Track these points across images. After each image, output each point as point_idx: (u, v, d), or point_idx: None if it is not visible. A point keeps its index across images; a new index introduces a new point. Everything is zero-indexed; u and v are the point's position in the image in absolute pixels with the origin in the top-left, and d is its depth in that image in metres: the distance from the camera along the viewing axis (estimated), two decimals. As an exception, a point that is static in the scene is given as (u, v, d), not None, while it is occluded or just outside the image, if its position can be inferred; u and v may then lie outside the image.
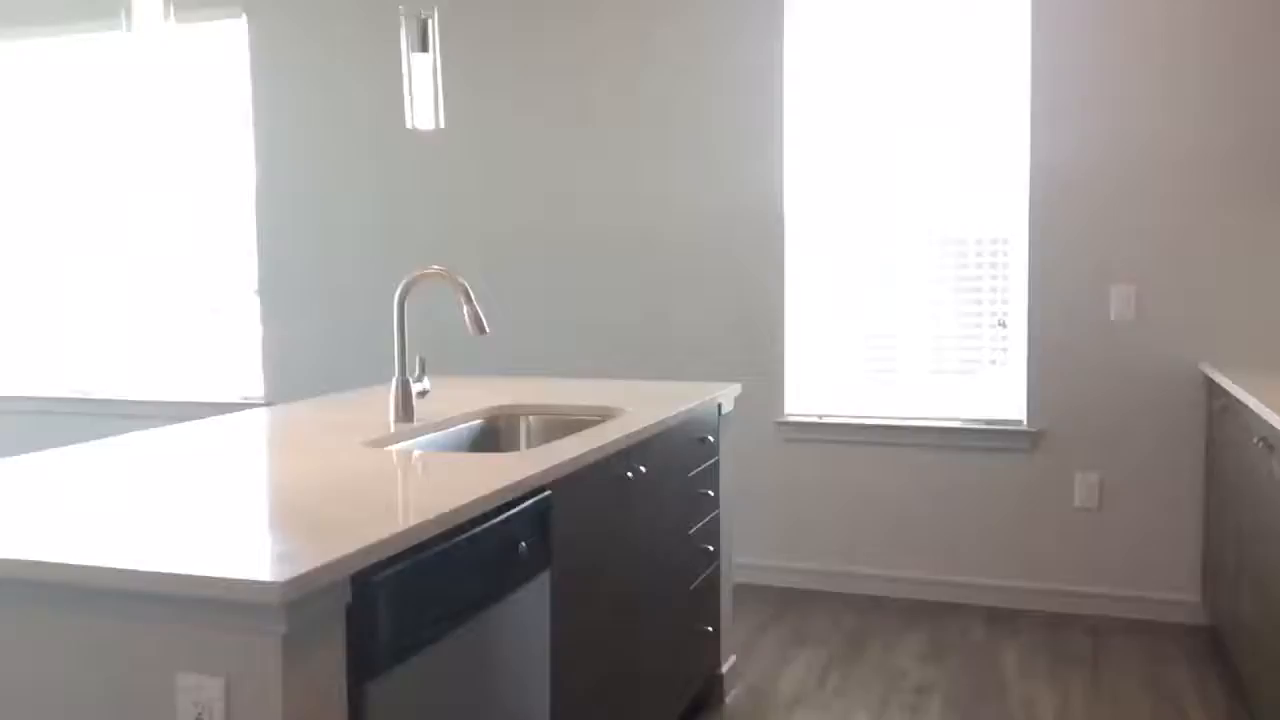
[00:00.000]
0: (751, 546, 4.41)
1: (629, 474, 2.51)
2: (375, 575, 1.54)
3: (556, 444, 2.30)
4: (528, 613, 2.01)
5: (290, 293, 5.06)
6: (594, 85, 4.51)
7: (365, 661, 1.53)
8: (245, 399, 5.22)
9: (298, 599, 1.39)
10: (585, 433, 2.45)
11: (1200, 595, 3.90)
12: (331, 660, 1.48)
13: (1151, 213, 3.87)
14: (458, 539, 1.76)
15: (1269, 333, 3.79)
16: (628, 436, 2.46)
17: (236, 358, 5.25)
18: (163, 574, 1.40)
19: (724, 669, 3.28)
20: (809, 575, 4.34)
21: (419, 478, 1.99)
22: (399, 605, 1.60)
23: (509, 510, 1.93)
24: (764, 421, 4.36)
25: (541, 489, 2.07)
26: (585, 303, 4.59)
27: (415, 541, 1.63)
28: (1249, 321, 3.80)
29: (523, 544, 1.97)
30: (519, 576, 1.97)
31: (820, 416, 4.33)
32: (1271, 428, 2.73)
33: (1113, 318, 3.94)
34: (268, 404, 5.11)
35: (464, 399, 3.02)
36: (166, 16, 3.59)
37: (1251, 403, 2.90)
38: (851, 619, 3.98)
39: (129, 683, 1.45)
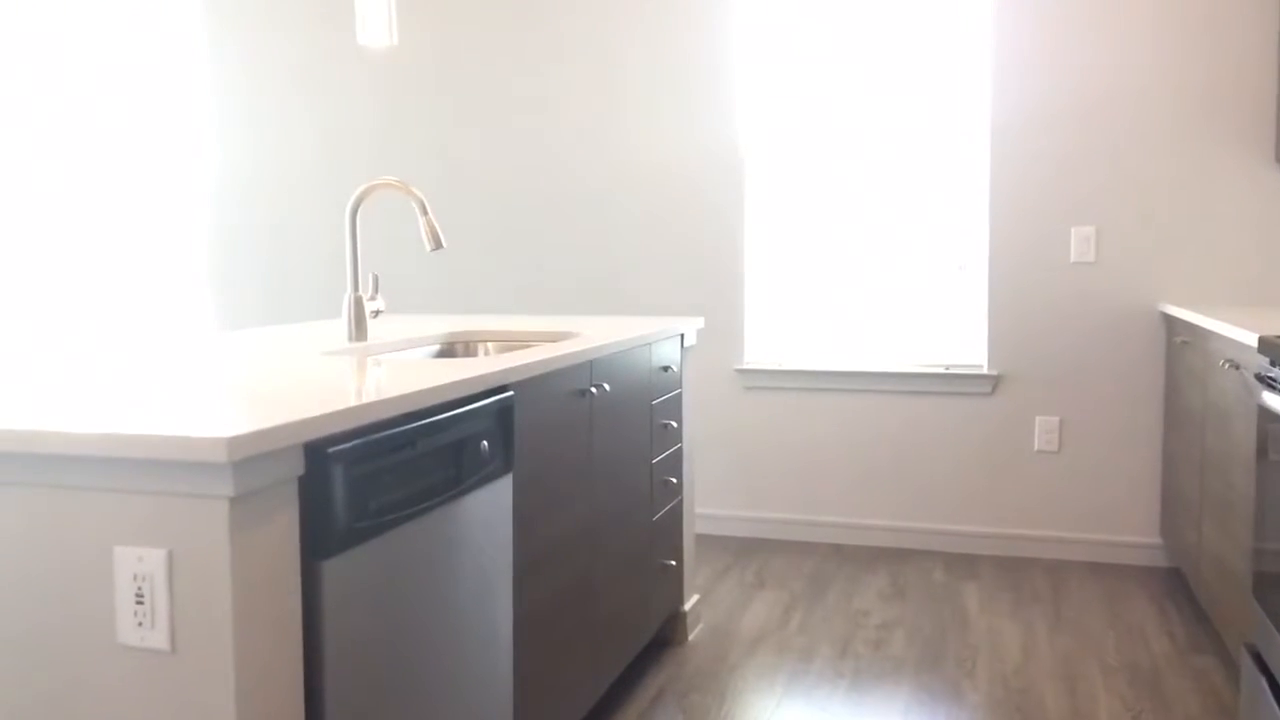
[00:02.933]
0: (712, 497, 4.35)
1: (592, 389, 2.43)
2: (330, 447, 1.45)
3: (516, 353, 2.21)
4: (490, 516, 1.93)
5: (240, 252, 4.90)
6: (559, 21, 4.41)
7: (320, 539, 1.44)
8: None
9: (246, 460, 1.29)
10: (545, 346, 2.36)
11: (1160, 537, 3.91)
12: (283, 534, 1.39)
13: (1111, 155, 3.86)
14: (418, 423, 1.66)
15: (1225, 272, 3.80)
16: (589, 350, 2.38)
17: (189, 301, 5.08)
18: (96, 435, 1.30)
19: (686, 607, 3.21)
20: (769, 524, 4.29)
21: (379, 373, 1.89)
22: (355, 482, 1.50)
23: (472, 404, 1.85)
24: (723, 370, 4.30)
25: (504, 389, 1.99)
26: (539, 249, 4.50)
27: (374, 419, 1.53)
28: (1206, 261, 3.81)
29: (485, 442, 1.89)
30: (482, 475, 1.88)
31: (780, 364, 4.28)
32: (1239, 344, 2.72)
33: (1073, 260, 3.93)
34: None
35: (420, 325, 2.92)
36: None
37: (1218, 326, 2.90)
38: (813, 564, 3.94)
39: (63, 557, 1.35)
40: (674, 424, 3.06)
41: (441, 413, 1.74)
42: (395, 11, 2.66)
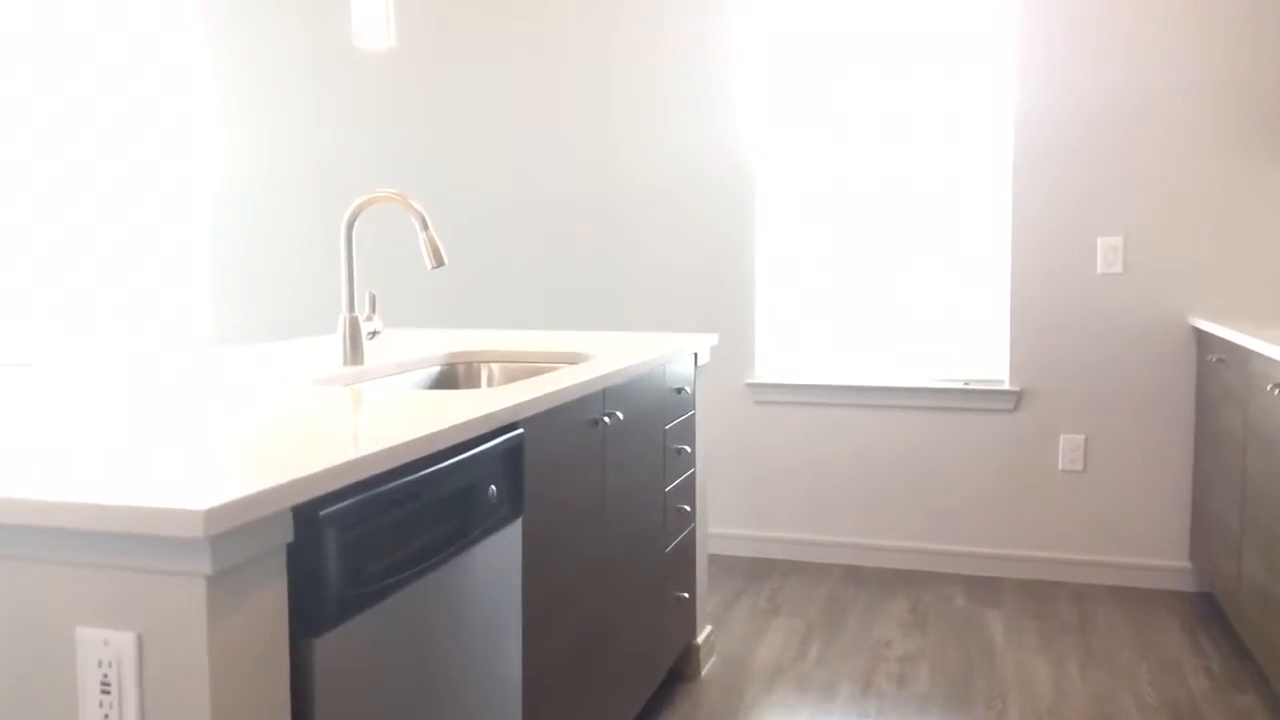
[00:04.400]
0: (721, 516, 4.19)
1: (605, 418, 2.26)
2: (323, 509, 1.28)
3: (524, 383, 2.05)
4: (499, 565, 1.76)
5: (236, 258, 4.73)
6: (560, 25, 4.24)
7: (311, 613, 1.28)
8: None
9: (226, 533, 1.13)
10: (553, 374, 2.20)
11: (1190, 560, 3.75)
12: (270, 611, 1.22)
13: (1140, 162, 3.70)
14: (421, 473, 1.50)
15: (1259, 284, 3.65)
16: (601, 378, 2.21)
17: (186, 333, 4.91)
18: (56, 503, 1.13)
19: (699, 639, 3.05)
20: (781, 545, 4.13)
21: (375, 411, 1.73)
22: (351, 546, 1.34)
23: (479, 446, 1.68)
24: (734, 383, 4.14)
25: (513, 425, 1.82)
26: (542, 258, 4.33)
27: (370, 473, 1.37)
28: (1238, 273, 3.66)
29: (493, 487, 1.72)
30: (489, 523, 1.72)
31: (792, 378, 4.12)
32: (1290, 371, 2.56)
33: (1099, 271, 3.77)
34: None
35: (419, 344, 2.75)
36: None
37: (1262, 346, 2.74)
38: (828, 588, 3.78)
39: (17, 638, 1.18)
40: (687, 449, 2.90)
41: (446, 459, 1.58)
42: (393, 14, 2.49)
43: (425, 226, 2.31)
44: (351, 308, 2.37)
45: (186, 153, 4.75)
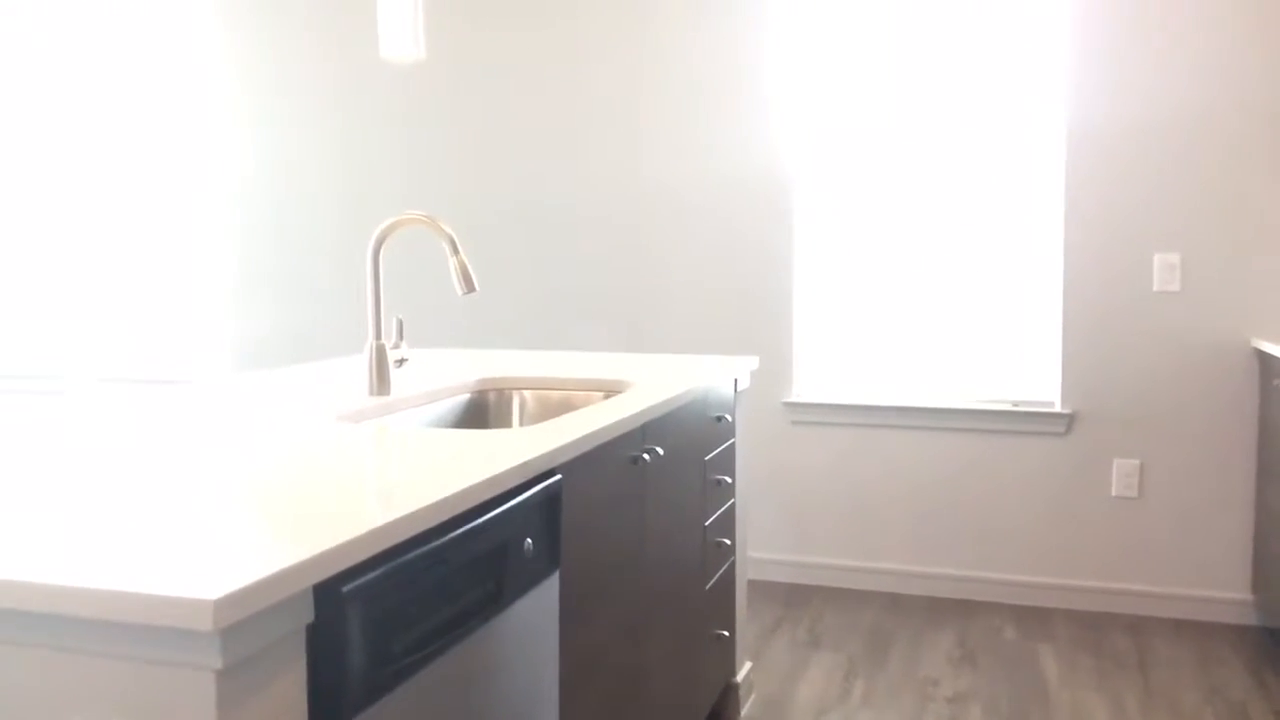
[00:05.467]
0: (757, 539, 4.05)
1: (644, 455, 2.13)
2: (346, 585, 1.16)
3: (561, 420, 1.92)
4: (536, 623, 1.64)
5: (261, 264, 4.64)
6: (590, 33, 4.12)
7: (333, 701, 1.15)
8: (209, 374, 4.79)
9: (238, 623, 1.01)
10: (591, 408, 2.07)
11: (1252, 593, 3.58)
12: (287, 701, 1.10)
13: (1199, 175, 3.54)
14: (452, 534, 1.38)
15: (1327, 306, 3.47)
16: (643, 412, 2.08)
17: (208, 338, 4.82)
18: (49, 586, 1.01)
19: (739, 678, 2.92)
20: (821, 571, 3.98)
21: (402, 458, 1.60)
22: (377, 623, 1.22)
23: (514, 498, 1.56)
24: (770, 402, 4.00)
25: (550, 472, 1.70)
26: (575, 276, 4.21)
27: (398, 539, 1.25)
28: (1306, 293, 3.48)
29: (529, 540, 1.60)
30: (525, 580, 1.59)
31: (831, 398, 3.97)
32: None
33: (1155, 289, 3.60)
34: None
35: (449, 370, 2.63)
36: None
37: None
38: (870, 618, 3.63)
39: (7, 734, 1.07)
40: (727, 479, 2.77)
41: (479, 515, 1.46)
42: (422, 24, 2.38)
43: (455, 250, 2.19)
44: (378, 334, 2.25)
45: (211, 162, 4.67)
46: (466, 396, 2.49)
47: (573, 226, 4.20)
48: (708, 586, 2.64)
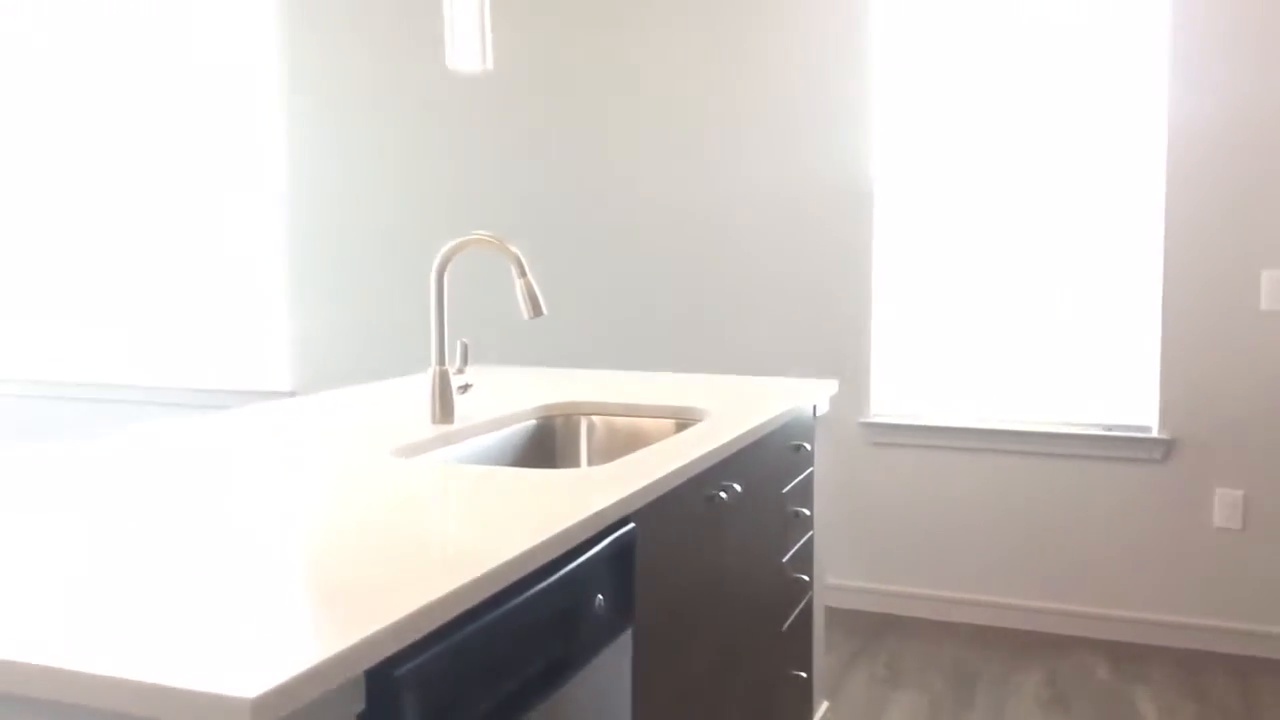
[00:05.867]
0: (834, 565, 3.88)
1: (721, 494, 2.00)
2: (400, 668, 1.04)
3: (634, 458, 1.79)
4: (607, 686, 1.51)
5: (317, 267, 4.59)
6: (660, 37, 3.99)
7: (384, 796, 1.03)
8: (273, 388, 4.76)
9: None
10: (666, 443, 1.94)
11: (1368, 635, 3.33)
12: (333, 799, 0.98)
13: (1315, 185, 3.30)
14: (516, 600, 1.25)
15: None
16: (720, 448, 1.94)
17: (263, 343, 4.79)
18: (54, 671, 0.91)
19: (816, 719, 2.76)
20: (900, 600, 3.80)
21: (461, 506, 1.49)
22: (434, 706, 1.10)
23: (584, 553, 1.43)
24: (847, 422, 3.83)
25: (623, 520, 1.57)
26: (644, 289, 4.08)
27: (458, 611, 1.12)
28: None
29: (600, 596, 1.47)
30: (596, 640, 1.46)
31: (912, 418, 3.79)
32: None
33: (1263, 307, 3.37)
34: (292, 392, 4.65)
35: (513, 394, 2.52)
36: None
37: None
38: (952, 653, 3.45)
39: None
40: (805, 511, 2.61)
41: (547, 576, 1.33)
42: (490, 34, 2.27)
43: (523, 273, 2.08)
44: (441, 360, 2.15)
45: (272, 171, 4.63)
46: (532, 423, 2.37)
47: (642, 239, 4.07)
48: (784, 627, 2.49)
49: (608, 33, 4.05)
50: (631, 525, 1.58)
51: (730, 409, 2.31)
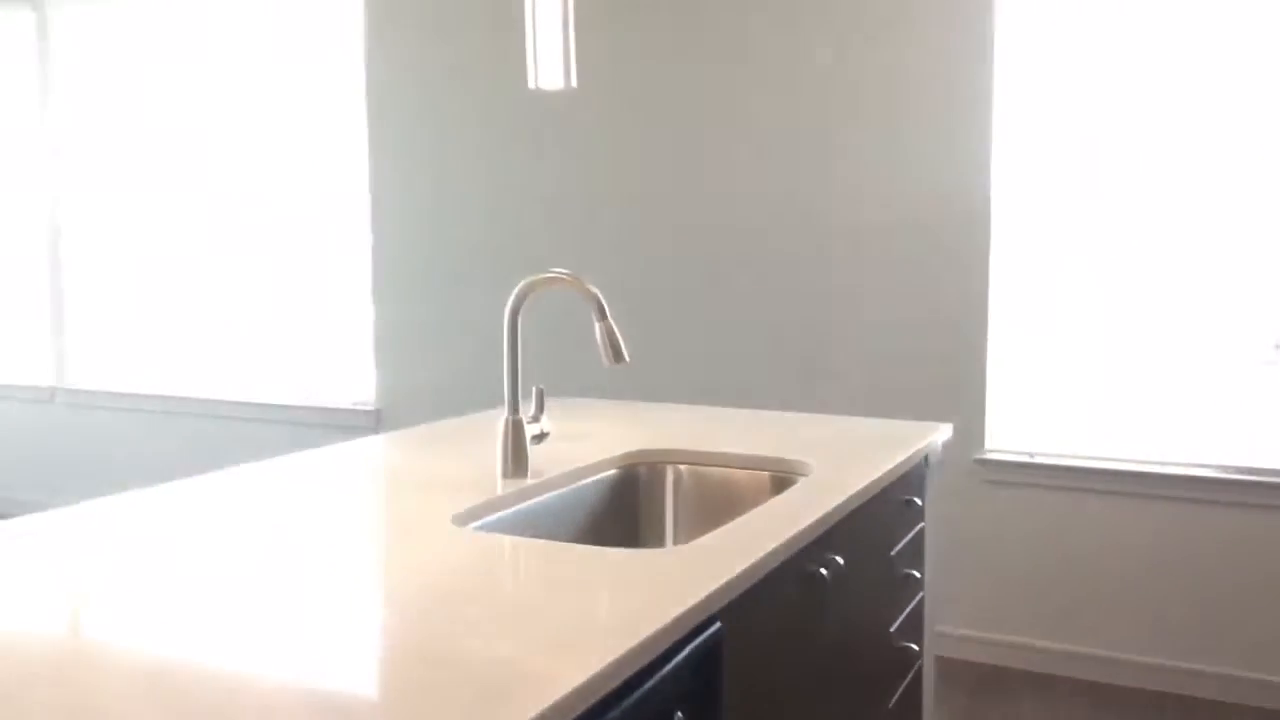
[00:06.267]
0: (943, 612, 3.60)
1: (822, 570, 1.77)
2: None
3: (725, 533, 1.58)
4: (684, 818, 1.29)
5: (404, 287, 4.48)
6: (761, 50, 3.76)
7: None
8: (356, 404, 4.67)
9: None
10: (761, 511, 1.72)
11: None
12: None
13: None
14: (578, 741, 1.05)
15: None
16: (825, 517, 1.72)
17: (351, 361, 4.71)
18: None
19: (923, 797, 2.51)
20: (1014, 652, 3.50)
21: (517, 603, 1.29)
22: None
23: (663, 666, 1.22)
24: (959, 458, 3.55)
25: (709, 619, 1.35)
26: (738, 315, 3.85)
27: (502, 770, 0.93)
28: None
29: (679, 714, 1.26)
30: (673, 769, 1.25)
31: (1032, 455, 3.49)
32: None
33: None
34: (377, 410, 4.56)
35: (594, 437, 2.32)
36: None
37: None
38: (1073, 714, 3.14)
39: None
40: (915, 574, 2.36)
41: (619, 701, 1.12)
42: (574, 51, 2.08)
43: (603, 315, 1.88)
44: (515, 409, 1.96)
45: (358, 188, 4.53)
46: (614, 473, 2.17)
47: (733, 264, 3.84)
48: (891, 703, 2.24)
49: (700, 47, 3.83)
50: (718, 625, 1.36)
51: (833, 460, 2.08)
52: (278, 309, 4.84)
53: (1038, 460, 3.45)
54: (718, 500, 2.19)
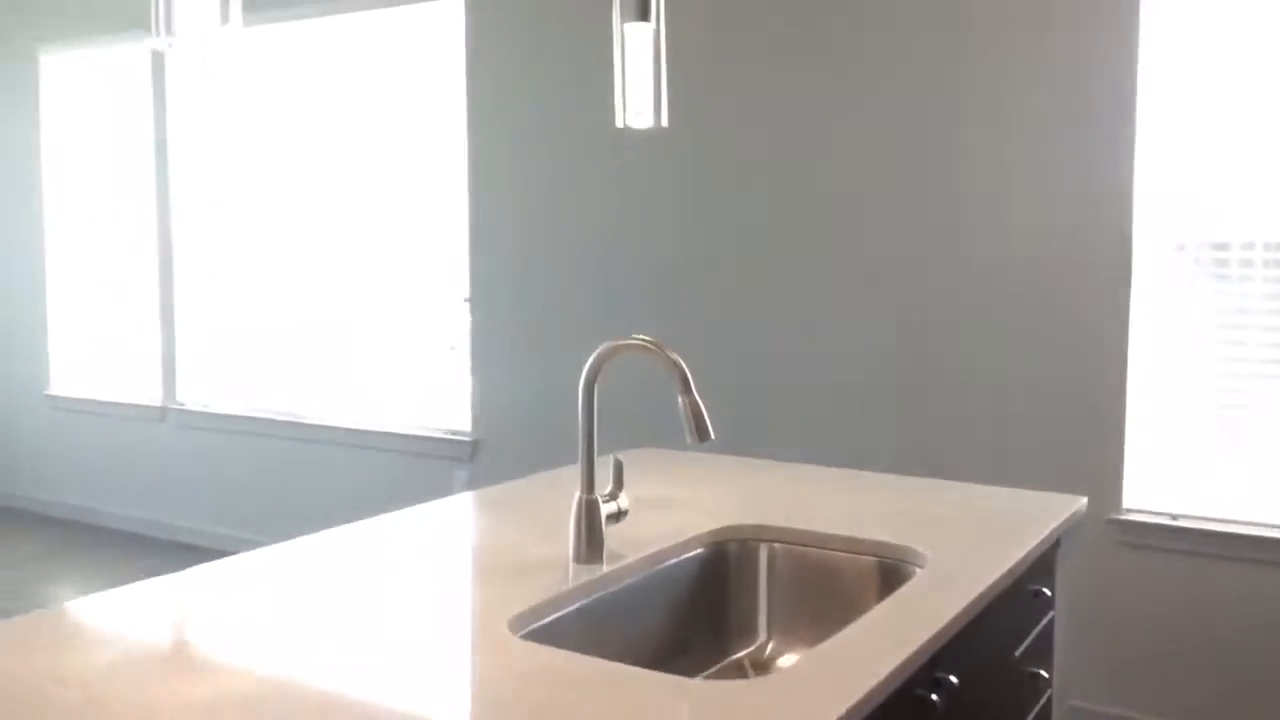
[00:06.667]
0: (1072, 683, 3.27)
1: (932, 696, 1.52)
2: None
3: (821, 654, 1.35)
4: None
5: (498, 317, 4.36)
6: (874, 70, 3.51)
7: None
8: (452, 433, 4.57)
9: None
10: (865, 624, 1.49)
11: None
12: None
13: None
14: None
15: None
16: (941, 632, 1.47)
17: (449, 392, 4.62)
18: None
19: None
20: (1151, 735, 3.17)
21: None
22: None
23: None
24: (1091, 517, 3.22)
25: (794, 787, 1.13)
26: (842, 358, 3.60)
27: None
28: None
29: None
30: None
31: (1174, 516, 3.15)
32: None
33: None
34: (474, 440, 4.45)
35: (680, 507, 2.11)
36: None
37: None
38: (1223, 818, 2.79)
39: None
40: (1043, 673, 2.08)
41: None
42: (665, 90, 1.89)
43: (687, 389, 1.67)
44: (590, 487, 1.77)
45: (453, 221, 4.43)
46: (700, 552, 1.96)
47: (843, 299, 3.59)
48: (1013, 827, 1.97)
49: (800, 78, 3.60)
50: (807, 792, 1.14)
51: (951, 545, 1.83)
52: (379, 335, 4.78)
53: (1181, 523, 3.11)
54: (818, 587, 1.96)
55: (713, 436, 1.68)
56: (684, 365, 1.67)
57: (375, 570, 1.72)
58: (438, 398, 4.63)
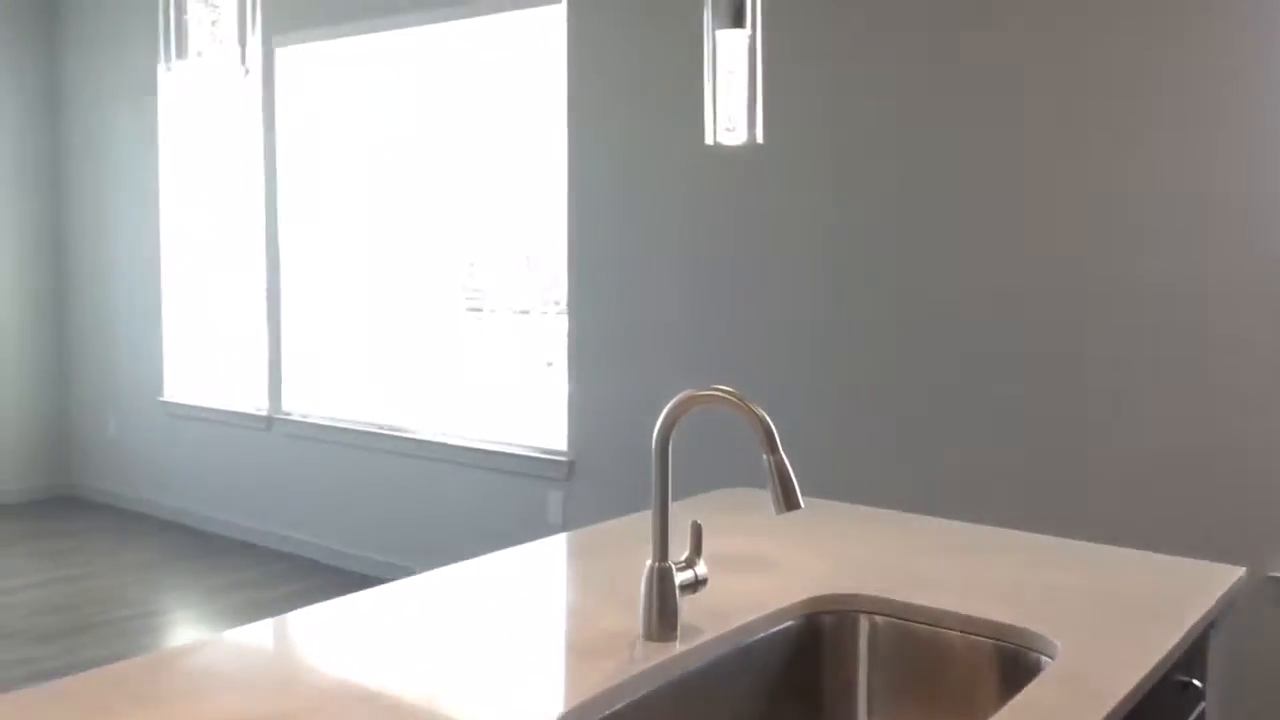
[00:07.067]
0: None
1: (1066, 828, 1.27)
2: None
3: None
4: None
5: (594, 336, 4.20)
6: (995, 79, 3.22)
7: None
8: (548, 452, 4.43)
9: None
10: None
11: None
12: None
13: None
14: None
15: None
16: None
17: (546, 409, 4.48)
18: None
19: None
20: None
21: None
22: None
23: None
24: (1248, 575, 2.86)
25: None
26: (952, 400, 3.31)
27: None
28: None
29: None
30: None
31: (1346, 577, 2.77)
32: None
33: None
34: (570, 461, 4.30)
35: (765, 569, 1.88)
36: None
37: None
38: None
39: None
40: (1196, 775, 1.79)
41: None
42: (761, 106, 1.68)
43: (773, 448, 1.45)
44: (663, 554, 1.56)
45: (558, 237, 4.28)
46: (790, 625, 1.73)
47: (954, 332, 3.30)
48: None
49: (901, 89, 3.32)
50: None
51: (1086, 629, 1.57)
52: (478, 348, 4.68)
53: (1355, 585, 2.74)
54: (926, 672, 1.71)
55: (802, 506, 1.46)
56: (769, 421, 1.45)
57: (426, 641, 1.55)
58: (535, 415, 4.49)
